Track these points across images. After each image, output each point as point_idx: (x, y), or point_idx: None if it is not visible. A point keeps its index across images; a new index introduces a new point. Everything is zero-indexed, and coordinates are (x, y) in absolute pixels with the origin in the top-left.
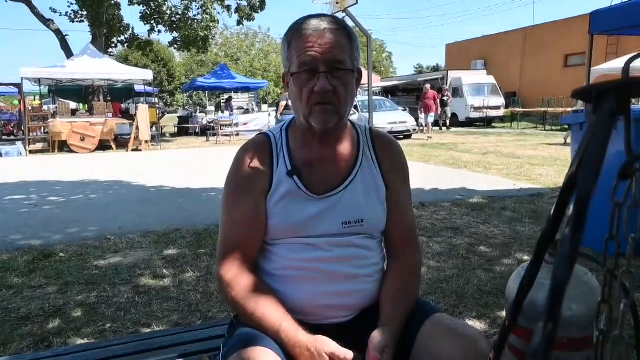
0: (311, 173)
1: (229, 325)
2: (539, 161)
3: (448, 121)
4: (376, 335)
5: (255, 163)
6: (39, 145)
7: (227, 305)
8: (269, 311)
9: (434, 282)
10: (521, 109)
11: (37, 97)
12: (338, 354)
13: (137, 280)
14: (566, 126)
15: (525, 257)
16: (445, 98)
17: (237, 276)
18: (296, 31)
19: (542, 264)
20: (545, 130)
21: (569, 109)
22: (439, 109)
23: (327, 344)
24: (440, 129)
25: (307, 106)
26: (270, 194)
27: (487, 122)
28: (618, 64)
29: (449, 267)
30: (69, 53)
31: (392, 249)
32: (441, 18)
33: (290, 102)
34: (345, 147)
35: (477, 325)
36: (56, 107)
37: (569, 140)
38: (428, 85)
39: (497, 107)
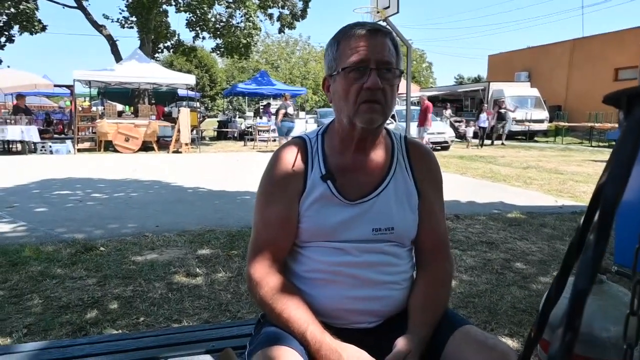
0: (345, 178)
1: (256, 323)
2: (583, 178)
3: (504, 136)
4: (400, 341)
5: (290, 165)
6: (86, 144)
7: (255, 306)
8: (296, 312)
9: (465, 296)
10: (566, 123)
11: (87, 99)
12: None
13: (171, 277)
14: (613, 142)
15: None
16: (502, 111)
17: (266, 275)
18: (347, 32)
19: (569, 276)
20: (591, 146)
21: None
22: (493, 121)
23: (354, 355)
24: (492, 143)
25: (354, 104)
26: (303, 197)
27: (530, 136)
28: None
29: (482, 282)
30: (118, 57)
31: (422, 258)
32: (484, 28)
33: (289, 110)
34: (379, 155)
35: (509, 343)
36: (104, 109)
37: None
38: (424, 96)
39: (541, 121)
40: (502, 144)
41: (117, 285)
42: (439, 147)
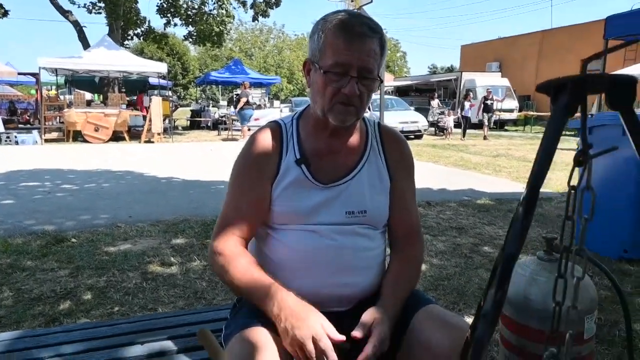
0: (319, 163)
1: (232, 308)
2: (557, 167)
3: (486, 130)
4: (366, 314)
5: (265, 149)
6: (54, 135)
7: (231, 293)
8: (258, 274)
9: (435, 279)
10: (535, 113)
11: (54, 87)
12: (332, 335)
13: (145, 267)
14: (576, 130)
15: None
16: (489, 102)
17: (229, 246)
18: (337, 28)
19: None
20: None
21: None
22: (480, 113)
23: (317, 322)
24: (485, 137)
25: (329, 102)
26: (276, 181)
27: (500, 125)
28: (636, 70)
29: (451, 266)
30: (85, 44)
31: (394, 241)
32: (457, 19)
33: (250, 98)
34: (354, 140)
35: None
36: (72, 98)
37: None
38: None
39: (511, 110)
40: (484, 137)
41: (90, 276)
42: (412, 136)
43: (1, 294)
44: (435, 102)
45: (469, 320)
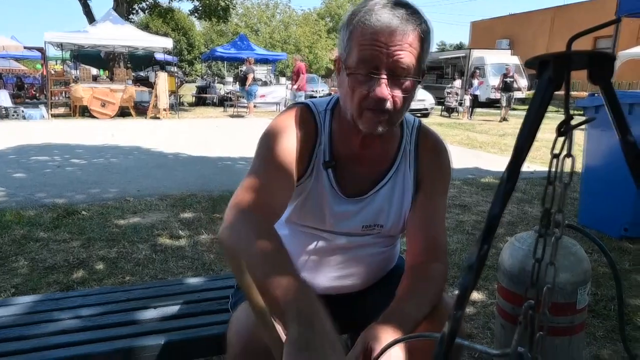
0: (345, 170)
1: None
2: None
3: (505, 111)
4: (368, 330)
5: (299, 141)
6: (60, 110)
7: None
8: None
9: None
10: None
11: (59, 62)
12: None
13: (154, 239)
14: (582, 109)
15: None
16: (508, 80)
17: (261, 226)
18: (363, 18)
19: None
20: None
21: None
22: (498, 92)
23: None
24: (503, 119)
25: (357, 108)
26: (303, 178)
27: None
28: None
29: (453, 242)
30: (91, 19)
31: (413, 255)
32: None
33: (252, 75)
34: (386, 148)
35: (476, 295)
36: (78, 73)
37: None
38: (297, 56)
39: (519, 89)
40: (505, 119)
41: (101, 247)
42: (419, 115)
43: (17, 263)
44: (457, 83)
45: (474, 295)
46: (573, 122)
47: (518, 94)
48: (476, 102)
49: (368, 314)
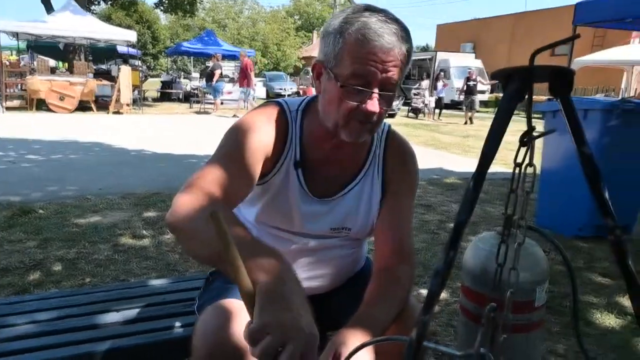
0: (315, 171)
1: (205, 280)
2: (515, 146)
3: (471, 114)
4: (339, 334)
5: (268, 137)
6: (15, 103)
7: (203, 266)
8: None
9: None
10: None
11: (14, 52)
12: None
13: (116, 239)
14: (542, 113)
15: None
16: (471, 83)
17: (210, 200)
18: (360, 32)
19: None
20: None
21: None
22: (460, 94)
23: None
24: (468, 121)
25: (344, 118)
26: (269, 177)
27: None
28: (601, 56)
29: (418, 241)
30: (49, 8)
31: (380, 258)
32: None
33: (219, 71)
34: (356, 151)
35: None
36: (34, 64)
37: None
38: (244, 51)
39: (482, 92)
40: (470, 121)
41: (59, 247)
42: (386, 115)
43: None
44: (425, 83)
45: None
46: (535, 133)
47: (481, 97)
48: (441, 104)
49: (333, 315)
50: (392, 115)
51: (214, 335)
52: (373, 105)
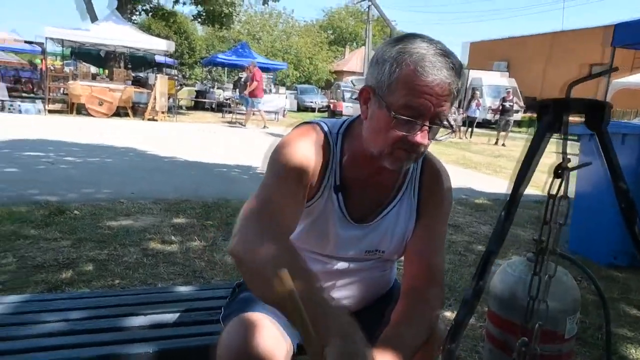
0: (354, 194)
1: (232, 291)
2: (547, 168)
3: (505, 135)
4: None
5: (312, 162)
6: (57, 106)
7: (228, 274)
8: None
9: None
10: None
11: (58, 58)
12: None
13: (146, 243)
14: (576, 135)
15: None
16: (507, 104)
17: (291, 245)
18: (417, 64)
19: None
20: (562, 138)
21: None
22: (495, 114)
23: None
24: (497, 141)
25: (390, 146)
26: (313, 200)
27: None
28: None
29: (445, 262)
30: (93, 17)
31: (409, 278)
32: (468, 15)
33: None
34: (393, 175)
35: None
36: (76, 70)
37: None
38: (253, 62)
39: (517, 111)
40: (502, 144)
41: (91, 248)
42: None
43: (5, 260)
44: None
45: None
46: (569, 165)
47: (515, 116)
48: (473, 124)
49: None
50: None
51: (238, 349)
52: (423, 137)
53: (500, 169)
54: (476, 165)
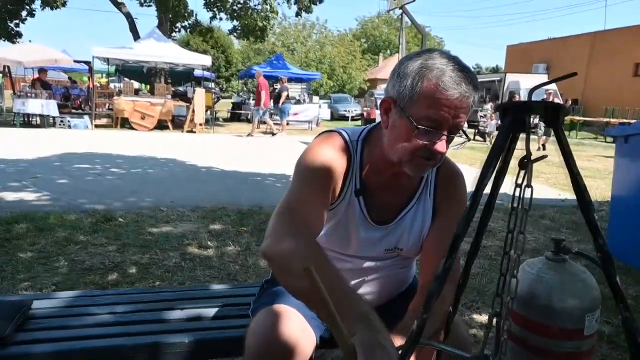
0: (374, 198)
1: (260, 287)
2: (591, 173)
3: (545, 140)
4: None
5: (335, 167)
6: (103, 121)
7: (261, 277)
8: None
9: None
10: (582, 118)
11: (104, 75)
12: None
13: (184, 248)
14: (612, 138)
15: None
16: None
17: (316, 244)
18: (438, 79)
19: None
20: (605, 141)
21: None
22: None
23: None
24: (540, 147)
25: (410, 154)
26: (336, 204)
27: None
28: None
29: (475, 267)
30: (136, 35)
31: (424, 276)
32: (504, 17)
33: (286, 93)
34: (411, 178)
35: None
36: (121, 86)
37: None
38: (259, 70)
39: None
40: (543, 147)
41: (135, 252)
42: None
43: (58, 263)
44: (488, 106)
45: (485, 317)
46: (533, 158)
47: None
48: None
49: None
50: None
51: (264, 336)
52: (442, 146)
53: (538, 174)
54: (510, 169)
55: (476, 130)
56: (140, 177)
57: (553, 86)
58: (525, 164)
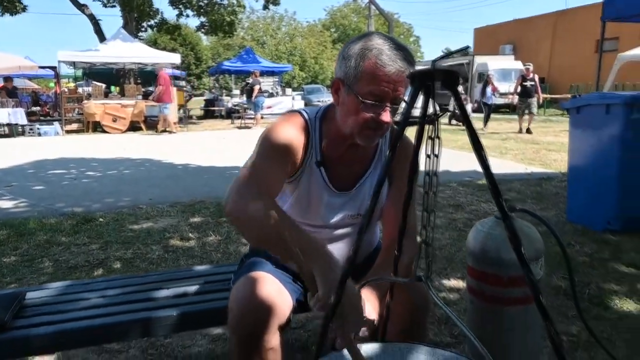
0: (334, 168)
1: (239, 262)
2: (556, 147)
3: (528, 121)
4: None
5: (294, 141)
6: (74, 126)
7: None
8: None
9: None
10: (549, 95)
11: (71, 80)
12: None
13: (166, 241)
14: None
15: None
16: (528, 84)
17: (272, 199)
18: (376, 58)
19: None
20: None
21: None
22: (515, 98)
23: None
24: (521, 130)
25: (359, 126)
26: (296, 175)
27: (512, 108)
28: None
29: (445, 238)
30: (102, 37)
31: (386, 236)
32: (474, 2)
33: (258, 86)
34: (366, 149)
35: (460, 283)
36: (90, 90)
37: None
38: (160, 66)
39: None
40: (527, 130)
41: (118, 249)
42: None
43: (42, 264)
44: (459, 89)
45: (458, 283)
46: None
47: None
48: (489, 111)
49: None
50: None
51: (245, 299)
52: (386, 116)
53: (506, 151)
54: (465, 147)
55: (450, 114)
56: (117, 179)
57: (518, 65)
58: (433, 120)
